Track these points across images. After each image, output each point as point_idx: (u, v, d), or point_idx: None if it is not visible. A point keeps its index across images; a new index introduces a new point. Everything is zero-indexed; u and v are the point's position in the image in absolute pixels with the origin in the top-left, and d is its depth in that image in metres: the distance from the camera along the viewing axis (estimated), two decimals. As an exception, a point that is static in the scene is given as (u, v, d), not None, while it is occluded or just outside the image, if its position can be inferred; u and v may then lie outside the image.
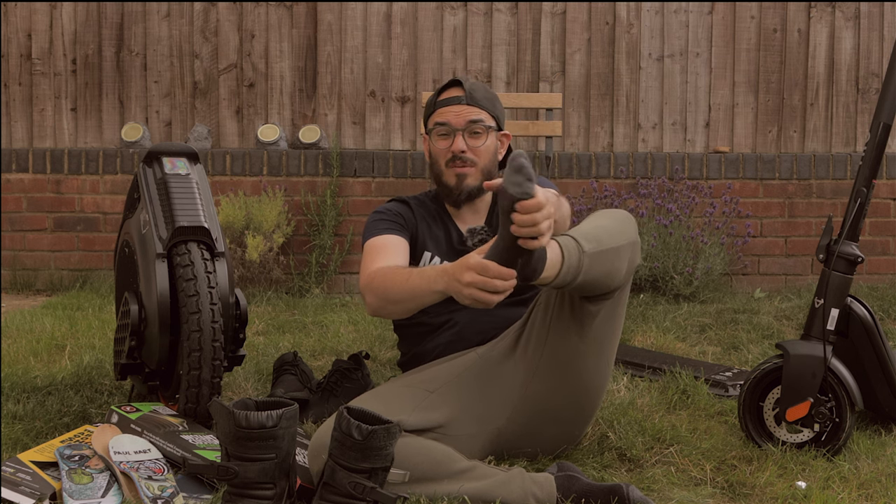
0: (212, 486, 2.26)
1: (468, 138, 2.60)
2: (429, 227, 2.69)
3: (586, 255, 2.21)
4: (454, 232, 2.69)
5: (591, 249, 2.23)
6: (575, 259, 2.20)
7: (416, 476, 2.18)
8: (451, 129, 2.60)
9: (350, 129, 5.57)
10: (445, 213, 2.72)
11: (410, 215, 2.70)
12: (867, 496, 2.33)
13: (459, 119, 2.60)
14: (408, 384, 2.47)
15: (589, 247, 2.23)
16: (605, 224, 2.35)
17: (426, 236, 2.67)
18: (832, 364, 2.60)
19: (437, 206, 2.74)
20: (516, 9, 5.57)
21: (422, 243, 2.67)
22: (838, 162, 5.43)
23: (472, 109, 2.62)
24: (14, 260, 5.32)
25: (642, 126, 5.59)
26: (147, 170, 2.78)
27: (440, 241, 2.67)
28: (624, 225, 2.37)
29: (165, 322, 2.61)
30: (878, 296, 4.77)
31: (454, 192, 2.64)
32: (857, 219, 2.63)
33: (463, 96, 2.63)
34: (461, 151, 2.59)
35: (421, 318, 2.58)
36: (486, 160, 2.63)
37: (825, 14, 5.60)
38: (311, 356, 3.64)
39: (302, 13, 5.57)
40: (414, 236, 2.67)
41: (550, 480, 2.21)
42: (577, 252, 2.21)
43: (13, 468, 2.24)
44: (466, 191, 2.63)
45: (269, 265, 5.06)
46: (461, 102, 2.62)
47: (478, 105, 2.63)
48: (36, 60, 5.54)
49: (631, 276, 2.40)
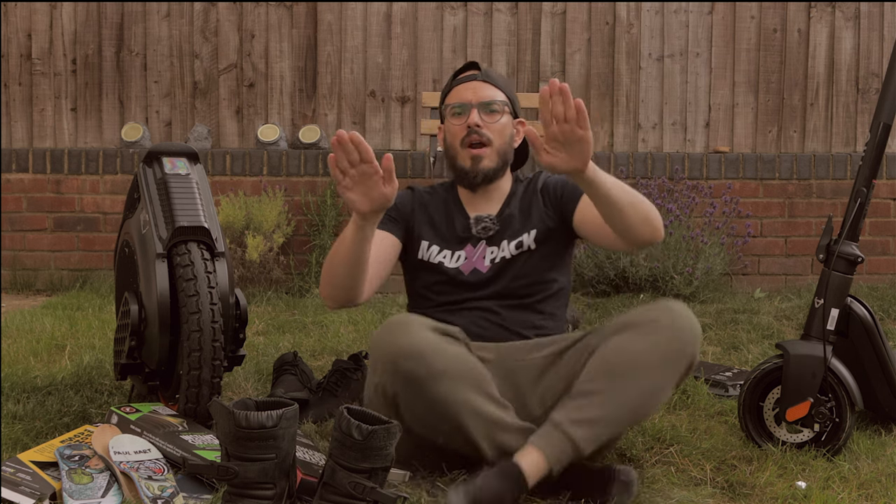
0: (212, 486, 2.26)
1: (483, 114, 2.53)
2: (429, 216, 2.62)
3: (580, 443, 2.18)
4: (460, 219, 2.60)
5: (587, 436, 2.19)
6: (565, 453, 2.18)
7: (462, 377, 2.19)
8: (467, 107, 2.53)
9: (350, 128, 5.57)
10: (456, 201, 2.63)
11: (408, 202, 2.63)
12: (867, 496, 2.33)
13: (475, 96, 2.54)
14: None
15: (582, 434, 2.19)
16: (626, 367, 2.25)
17: (423, 225, 2.61)
18: (832, 364, 2.59)
19: (450, 194, 2.65)
20: (516, 9, 5.57)
21: (418, 233, 2.60)
22: (838, 162, 5.43)
23: (488, 86, 2.56)
24: (14, 260, 5.32)
25: (642, 126, 5.59)
26: (147, 170, 2.78)
27: (441, 229, 2.60)
28: (661, 353, 2.26)
29: (165, 322, 2.61)
30: (878, 296, 4.77)
31: (470, 175, 2.55)
32: (857, 219, 2.63)
33: (479, 74, 2.58)
34: (476, 125, 2.51)
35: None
36: (501, 140, 2.55)
37: (825, 14, 5.60)
38: (311, 356, 3.64)
39: (302, 13, 5.57)
40: (409, 226, 2.61)
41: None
42: (568, 447, 2.18)
43: (13, 468, 2.24)
44: (482, 173, 2.54)
45: (269, 265, 5.06)
46: (477, 79, 2.56)
47: (493, 83, 2.57)
48: (36, 60, 5.54)
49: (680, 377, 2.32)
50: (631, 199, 2.28)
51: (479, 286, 2.53)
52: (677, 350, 2.27)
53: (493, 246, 2.56)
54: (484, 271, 2.54)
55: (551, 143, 2.14)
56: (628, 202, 2.27)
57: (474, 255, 2.56)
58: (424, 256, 2.57)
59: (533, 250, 2.55)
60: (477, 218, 2.57)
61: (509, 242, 2.55)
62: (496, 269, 2.54)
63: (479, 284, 2.53)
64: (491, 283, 2.53)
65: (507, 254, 2.54)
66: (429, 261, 2.57)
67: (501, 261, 2.54)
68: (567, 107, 2.10)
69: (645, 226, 2.31)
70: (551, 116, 2.11)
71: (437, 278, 2.56)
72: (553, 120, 2.11)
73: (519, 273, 2.54)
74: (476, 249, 2.56)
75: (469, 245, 2.57)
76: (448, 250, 2.56)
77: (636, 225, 2.29)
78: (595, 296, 4.88)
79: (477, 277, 2.53)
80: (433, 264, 2.56)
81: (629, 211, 2.27)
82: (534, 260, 2.55)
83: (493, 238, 2.56)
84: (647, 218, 2.30)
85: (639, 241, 2.35)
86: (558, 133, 2.12)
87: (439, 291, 2.55)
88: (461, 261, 2.55)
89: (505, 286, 2.53)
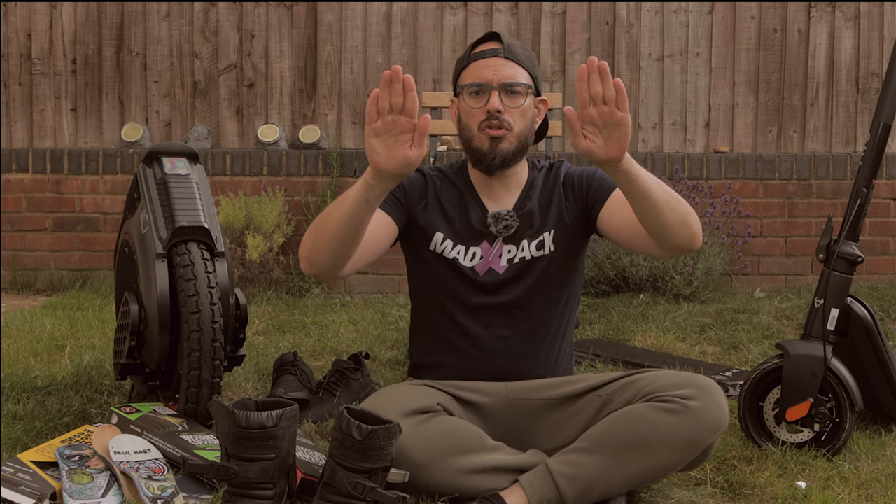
0: (212, 486, 2.26)
1: (505, 97, 2.32)
2: (442, 207, 2.43)
3: (567, 497, 2.13)
4: (476, 211, 2.42)
5: (576, 494, 2.13)
6: (551, 502, 2.13)
7: (448, 450, 2.14)
8: (487, 87, 2.32)
9: (350, 128, 5.57)
10: (470, 189, 2.44)
11: (418, 187, 2.44)
12: (867, 496, 2.33)
13: (496, 75, 2.32)
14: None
15: (572, 491, 2.13)
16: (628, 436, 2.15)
17: (438, 216, 2.42)
18: (832, 364, 2.59)
19: (463, 180, 2.45)
20: (516, 9, 5.57)
21: (431, 223, 2.41)
22: (838, 162, 5.43)
23: (511, 65, 2.34)
24: (14, 260, 5.32)
25: (642, 126, 5.59)
26: (147, 170, 2.78)
27: (455, 222, 2.41)
28: (679, 439, 2.14)
29: (165, 322, 2.61)
30: (878, 296, 4.77)
31: (487, 157, 2.34)
32: (857, 219, 2.63)
33: (501, 49, 2.34)
34: (497, 111, 2.31)
35: (443, 328, 2.42)
36: (522, 125, 2.34)
37: (825, 14, 5.60)
38: (311, 356, 3.64)
39: (302, 13, 5.57)
40: (412, 212, 2.42)
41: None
42: (554, 498, 2.12)
43: (13, 468, 2.24)
44: (501, 156, 2.34)
45: (269, 265, 5.06)
46: (498, 55, 2.34)
47: (517, 60, 2.35)
48: (36, 60, 5.54)
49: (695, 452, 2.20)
50: (668, 198, 2.14)
51: (494, 289, 2.39)
52: (697, 441, 2.16)
53: (511, 244, 2.40)
54: (500, 272, 2.39)
55: (588, 127, 2.02)
56: (665, 200, 2.13)
57: (490, 254, 2.40)
58: (438, 250, 2.41)
59: (553, 252, 2.40)
60: (496, 215, 2.38)
61: (530, 242, 2.40)
62: (514, 271, 2.39)
63: (495, 287, 2.39)
64: (507, 288, 2.39)
65: (527, 254, 2.39)
66: (443, 255, 2.40)
67: (521, 262, 2.39)
68: (606, 87, 1.98)
69: (682, 229, 2.16)
70: (589, 97, 2.00)
71: (452, 275, 2.40)
72: (591, 101, 2.00)
73: (537, 281, 2.39)
74: (493, 248, 2.40)
75: (485, 242, 2.40)
76: (462, 245, 2.40)
77: (673, 226, 2.15)
78: (595, 296, 4.88)
79: (493, 279, 2.39)
80: (448, 259, 2.40)
81: (666, 210, 2.13)
82: (554, 265, 2.40)
83: (512, 235, 2.39)
84: (686, 221, 2.16)
85: (673, 246, 2.20)
86: (596, 116, 2.00)
87: (453, 290, 2.40)
88: (476, 259, 2.39)
89: (522, 293, 2.39)
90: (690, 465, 2.25)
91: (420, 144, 2.03)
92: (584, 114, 2.02)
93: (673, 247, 2.20)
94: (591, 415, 2.29)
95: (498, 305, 2.39)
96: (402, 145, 2.05)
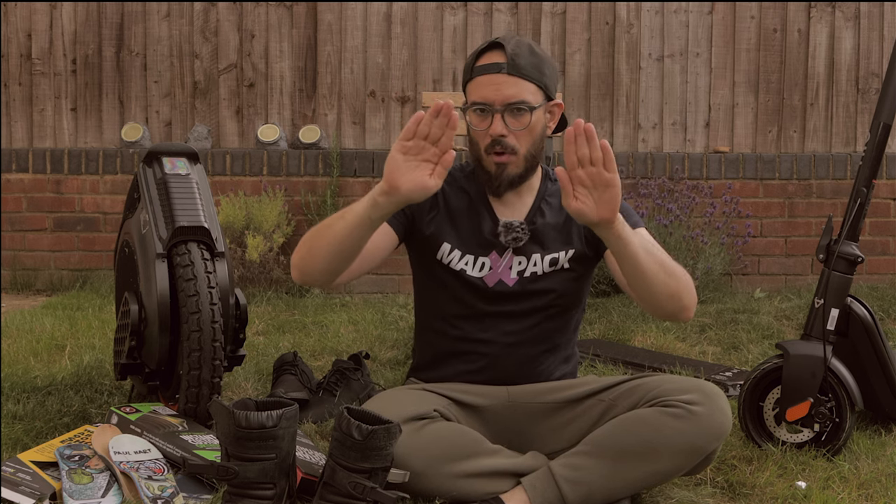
0: (212, 486, 2.26)
1: (509, 118, 2.27)
2: (451, 215, 2.38)
3: (569, 499, 2.13)
4: (488, 221, 2.38)
5: (578, 496, 2.13)
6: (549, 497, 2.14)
7: (446, 456, 2.14)
8: (490, 109, 2.27)
9: (350, 129, 5.57)
10: (482, 197, 2.39)
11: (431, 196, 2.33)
12: (867, 496, 2.33)
13: (498, 95, 2.26)
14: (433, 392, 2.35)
15: (575, 495, 2.13)
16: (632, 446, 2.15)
17: (446, 225, 2.38)
18: (832, 364, 2.60)
19: (475, 187, 2.40)
20: (516, 9, 5.57)
21: (439, 232, 2.37)
22: (838, 162, 5.43)
23: (514, 82, 2.26)
24: (14, 260, 5.32)
25: (642, 126, 5.59)
26: (147, 170, 2.78)
27: (463, 231, 2.37)
28: (682, 444, 2.15)
29: (165, 322, 2.61)
30: (878, 296, 4.77)
31: (494, 181, 2.32)
32: (857, 219, 2.63)
33: (504, 63, 2.26)
34: (500, 136, 2.27)
35: (450, 333, 2.40)
36: (528, 144, 2.30)
37: (825, 14, 5.60)
38: (311, 356, 3.64)
39: (302, 13, 5.57)
40: (416, 220, 2.38)
41: None
42: (556, 500, 2.13)
43: (13, 468, 2.24)
44: (507, 180, 2.31)
45: (269, 265, 5.06)
46: (501, 71, 2.26)
47: (522, 75, 2.27)
48: (36, 60, 5.54)
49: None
50: (659, 270, 2.15)
51: (502, 300, 2.36)
52: (700, 447, 2.17)
53: (522, 256, 2.36)
54: (511, 284, 2.36)
55: (579, 188, 2.04)
56: (655, 272, 2.14)
57: (500, 266, 2.36)
58: (445, 260, 2.37)
59: (567, 269, 2.38)
60: (507, 225, 2.34)
61: (542, 257, 2.36)
62: (524, 285, 2.36)
63: (503, 298, 2.36)
64: (516, 300, 2.36)
65: (539, 269, 2.36)
66: (449, 265, 2.37)
67: (532, 276, 2.36)
68: (592, 148, 2.01)
69: (670, 302, 2.18)
70: (577, 159, 2.02)
71: (458, 284, 2.37)
72: (578, 163, 2.02)
73: (548, 295, 2.37)
74: (502, 259, 2.36)
75: (494, 252, 2.36)
76: (470, 255, 2.36)
77: (658, 297, 2.17)
78: (595, 296, 4.88)
79: (502, 290, 2.36)
80: (454, 270, 2.36)
81: (655, 282, 2.15)
82: (566, 282, 2.38)
83: (523, 247, 2.36)
84: (675, 295, 2.17)
85: (659, 315, 2.23)
86: (585, 177, 2.02)
87: (460, 299, 2.37)
88: (485, 270, 2.36)
89: (531, 306, 2.37)
90: (693, 470, 2.25)
91: (439, 177, 2.07)
92: (573, 175, 2.04)
93: (659, 315, 2.25)
94: (593, 419, 2.29)
95: (505, 314, 2.38)
96: (423, 171, 2.08)
